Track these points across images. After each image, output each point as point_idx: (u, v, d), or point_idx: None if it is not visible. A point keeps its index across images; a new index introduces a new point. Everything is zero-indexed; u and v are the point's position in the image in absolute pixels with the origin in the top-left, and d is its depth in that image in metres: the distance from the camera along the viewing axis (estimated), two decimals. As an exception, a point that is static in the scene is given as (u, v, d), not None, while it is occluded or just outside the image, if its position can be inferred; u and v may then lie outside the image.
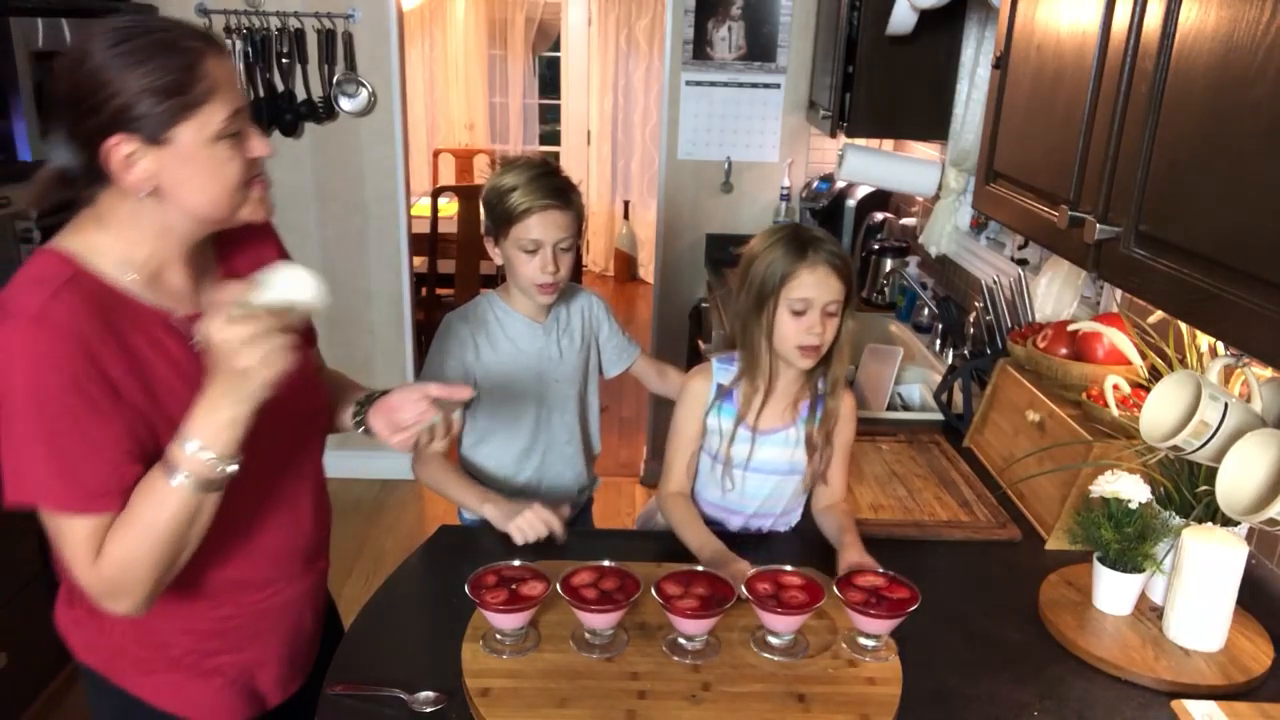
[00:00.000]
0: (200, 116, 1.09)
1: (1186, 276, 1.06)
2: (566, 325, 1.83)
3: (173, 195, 1.12)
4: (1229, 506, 1.21)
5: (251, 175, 1.16)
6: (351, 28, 3.52)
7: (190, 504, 1.08)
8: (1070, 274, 2.05)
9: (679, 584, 1.31)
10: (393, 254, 3.81)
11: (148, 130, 1.08)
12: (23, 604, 2.44)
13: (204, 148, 1.11)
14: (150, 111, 1.07)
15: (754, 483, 1.62)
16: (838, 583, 1.34)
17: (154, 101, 1.07)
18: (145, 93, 1.06)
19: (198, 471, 1.07)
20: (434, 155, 6.78)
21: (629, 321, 6.14)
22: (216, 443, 1.06)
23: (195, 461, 1.06)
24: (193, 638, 1.28)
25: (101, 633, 1.27)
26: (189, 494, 1.07)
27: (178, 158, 1.10)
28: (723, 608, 1.27)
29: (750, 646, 1.31)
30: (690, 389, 1.63)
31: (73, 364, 1.05)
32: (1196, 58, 1.06)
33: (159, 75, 1.07)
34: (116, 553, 1.08)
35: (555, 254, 1.68)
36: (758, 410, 1.58)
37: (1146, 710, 1.24)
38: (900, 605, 1.29)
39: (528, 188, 1.66)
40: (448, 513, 1.90)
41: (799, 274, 1.48)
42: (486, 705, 1.18)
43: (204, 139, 1.10)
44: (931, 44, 2.69)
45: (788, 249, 1.49)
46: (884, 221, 3.33)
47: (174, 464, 1.06)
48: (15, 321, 1.05)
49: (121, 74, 1.06)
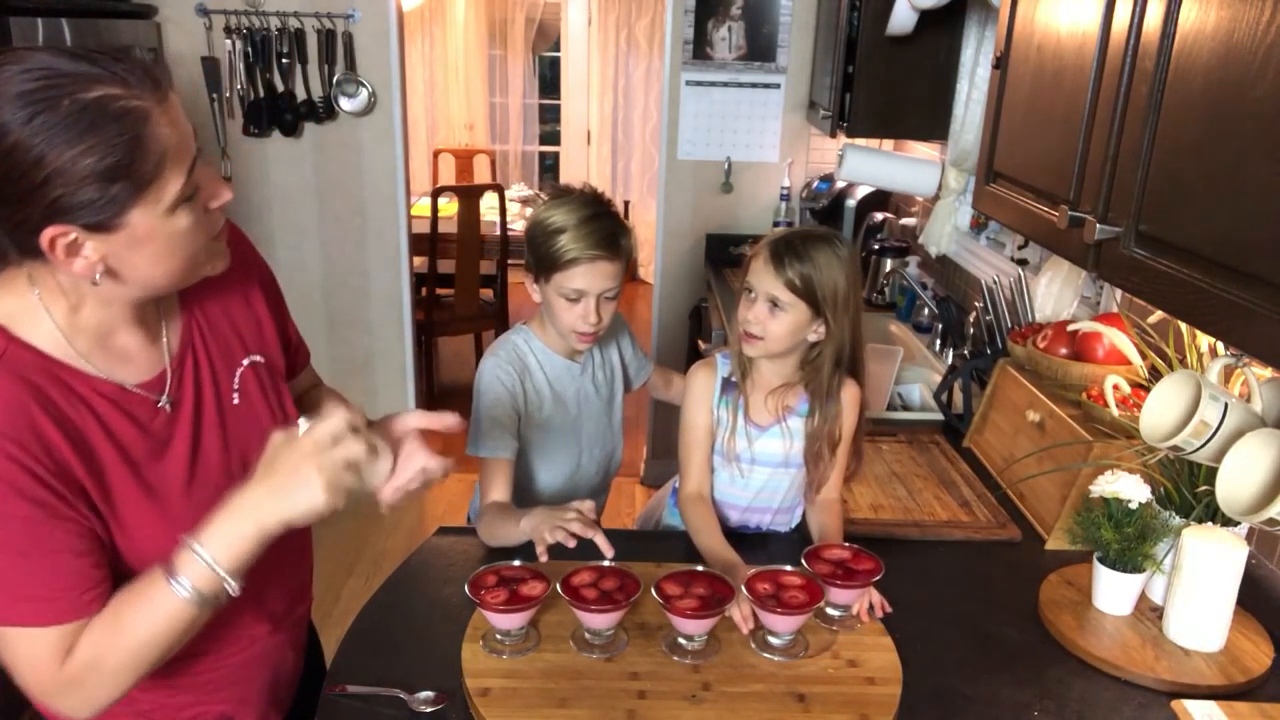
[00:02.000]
0: (153, 193, 0.94)
1: (1186, 276, 1.06)
2: (601, 361, 1.78)
3: (126, 276, 0.98)
4: (1229, 506, 1.21)
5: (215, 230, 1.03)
6: (351, 28, 3.52)
7: (187, 617, 0.98)
8: (1070, 274, 2.05)
9: (679, 584, 1.31)
10: (392, 254, 3.81)
11: (92, 219, 0.92)
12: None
13: (160, 222, 0.96)
14: (93, 200, 0.90)
15: (752, 475, 1.62)
16: (805, 555, 1.40)
17: (97, 189, 0.90)
18: (85, 180, 0.89)
19: (202, 585, 0.97)
20: (434, 155, 6.78)
21: (629, 322, 6.13)
22: (229, 556, 0.97)
23: (203, 573, 0.96)
24: (164, 693, 1.16)
25: None
26: (188, 607, 0.97)
27: (130, 240, 0.95)
28: (723, 608, 1.27)
29: (750, 646, 1.31)
30: (695, 383, 1.62)
31: (14, 467, 0.92)
32: (1196, 58, 1.06)
33: (99, 156, 0.89)
34: (99, 662, 0.97)
35: (599, 304, 1.58)
36: (750, 400, 1.59)
37: (1146, 710, 1.24)
38: (865, 575, 1.35)
39: (577, 233, 1.53)
40: (448, 513, 1.90)
41: (757, 259, 1.52)
42: (486, 705, 1.18)
43: (159, 216, 0.95)
44: (931, 44, 2.69)
45: (773, 239, 1.52)
46: (884, 221, 3.33)
47: (177, 570, 0.96)
48: None
49: (52, 156, 0.88)
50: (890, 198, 3.51)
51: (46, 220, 0.91)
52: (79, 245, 0.94)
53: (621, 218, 1.62)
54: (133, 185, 0.92)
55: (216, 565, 0.96)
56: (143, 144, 0.91)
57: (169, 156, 0.94)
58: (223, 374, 1.16)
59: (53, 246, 0.93)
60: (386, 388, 4.01)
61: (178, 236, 0.98)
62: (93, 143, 0.89)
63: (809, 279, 1.48)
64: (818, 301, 1.49)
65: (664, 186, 3.81)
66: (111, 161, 0.90)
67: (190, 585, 0.96)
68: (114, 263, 0.96)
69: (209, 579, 0.97)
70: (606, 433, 1.81)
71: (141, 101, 0.92)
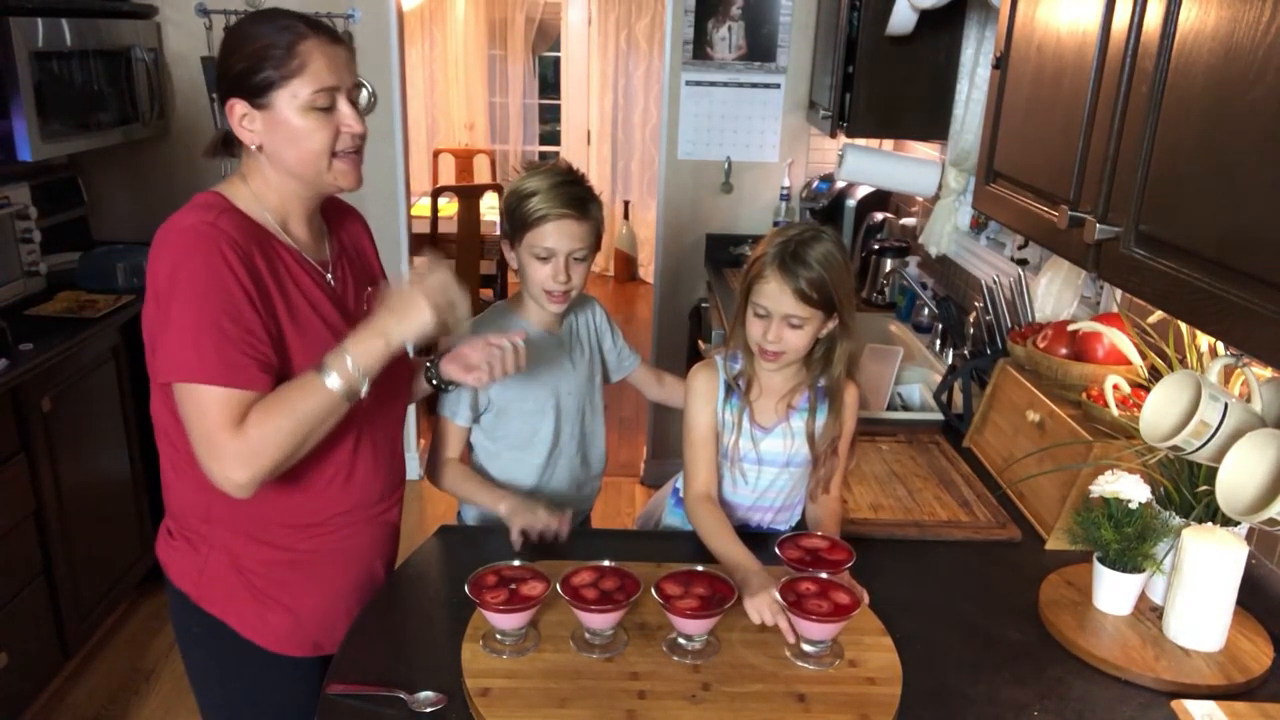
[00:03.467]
0: (290, 87, 1.30)
1: (1186, 276, 1.06)
2: (576, 336, 1.83)
3: (271, 153, 1.34)
4: (1229, 506, 1.21)
5: (343, 148, 1.36)
6: (351, 28, 3.52)
7: (331, 403, 1.27)
8: (1070, 274, 2.05)
9: (679, 584, 1.31)
10: (393, 254, 3.81)
11: (253, 94, 1.31)
12: (23, 604, 2.44)
13: (295, 115, 1.32)
14: (257, 79, 1.30)
15: (755, 475, 1.62)
16: (779, 542, 1.43)
17: (255, 70, 1.30)
18: (250, 60, 1.30)
19: (347, 379, 1.26)
20: (434, 155, 6.78)
21: (629, 321, 6.15)
22: (365, 362, 1.27)
23: (347, 371, 1.26)
24: (277, 569, 1.43)
25: (198, 560, 1.43)
26: (333, 395, 1.26)
27: (274, 121, 1.32)
28: (722, 608, 1.27)
29: (785, 654, 1.30)
30: (697, 384, 1.62)
31: (235, 264, 1.26)
32: (1196, 58, 1.06)
33: (264, 48, 1.30)
34: (265, 424, 1.24)
35: (568, 264, 1.66)
36: (753, 403, 1.59)
37: (1146, 710, 1.24)
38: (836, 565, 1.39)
39: (547, 194, 1.65)
40: (448, 513, 1.90)
41: (766, 281, 1.49)
42: (486, 705, 1.18)
43: (295, 108, 1.31)
44: (931, 44, 2.69)
45: (773, 255, 1.49)
46: (884, 221, 3.33)
47: (330, 367, 1.26)
48: (190, 229, 1.27)
49: (241, 45, 1.31)
50: (890, 198, 3.51)
51: (231, 92, 1.32)
52: (246, 118, 1.33)
53: (592, 189, 1.72)
54: (276, 74, 1.30)
55: (356, 366, 1.27)
56: (293, 51, 1.30)
57: (309, 69, 1.31)
58: (359, 286, 1.51)
59: (231, 112, 1.33)
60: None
61: (306, 131, 1.33)
62: (261, 42, 1.31)
63: (821, 284, 1.47)
64: (833, 304, 1.50)
65: (664, 186, 3.81)
66: (269, 52, 1.30)
67: (337, 377, 1.26)
68: (265, 140, 1.33)
69: (349, 377, 1.27)
70: (587, 410, 1.83)
71: (308, 33, 1.32)
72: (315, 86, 1.31)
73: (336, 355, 1.27)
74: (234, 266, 1.26)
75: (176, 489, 1.43)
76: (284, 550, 1.43)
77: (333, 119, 1.34)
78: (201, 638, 1.46)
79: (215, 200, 1.34)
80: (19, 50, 2.55)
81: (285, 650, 1.46)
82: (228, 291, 1.25)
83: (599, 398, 1.87)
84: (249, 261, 1.28)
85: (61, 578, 2.57)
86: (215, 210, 1.31)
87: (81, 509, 2.64)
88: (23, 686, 2.47)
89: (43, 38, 2.65)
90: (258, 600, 1.43)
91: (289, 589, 1.44)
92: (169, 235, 1.29)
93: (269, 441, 1.25)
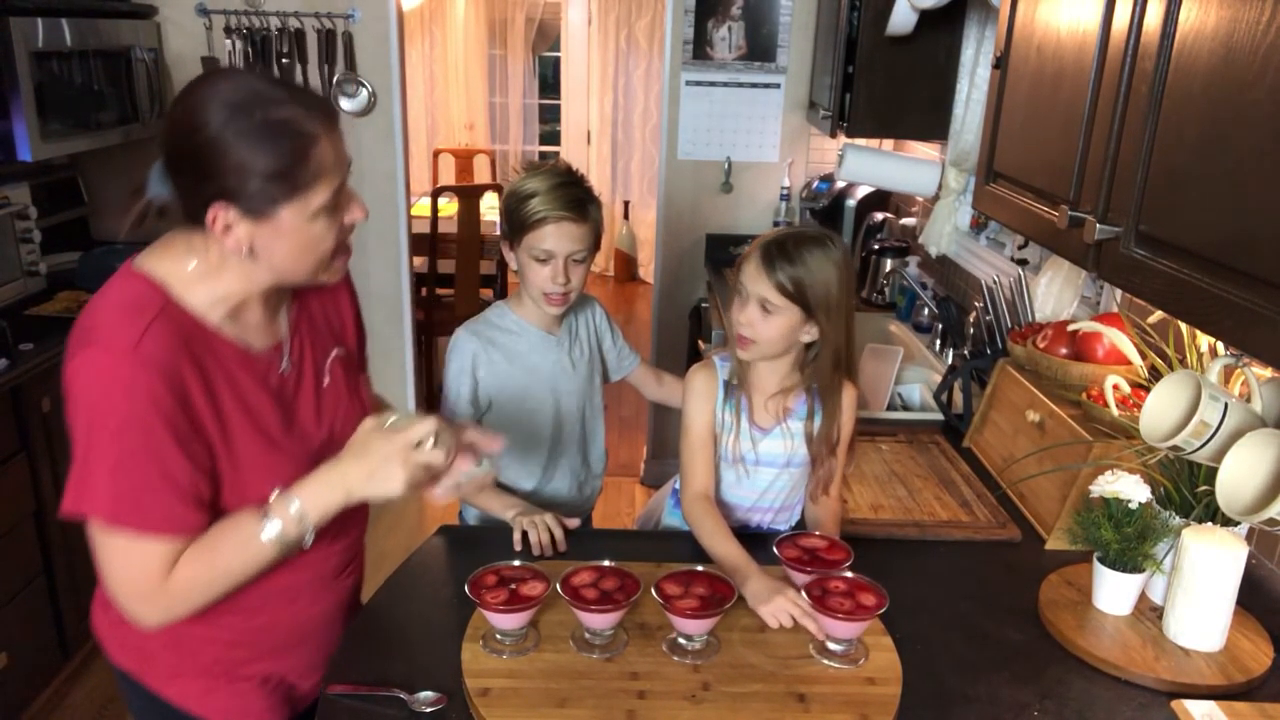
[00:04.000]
0: (303, 199, 1.14)
1: (1186, 276, 1.06)
2: (576, 336, 1.82)
3: (264, 259, 1.17)
4: (1229, 506, 1.21)
5: (341, 240, 1.22)
6: (351, 28, 3.52)
7: (265, 556, 1.16)
8: (1070, 274, 2.05)
9: (679, 584, 1.31)
10: (393, 254, 3.81)
11: (251, 206, 1.12)
12: (23, 604, 2.44)
13: (302, 224, 1.16)
14: (256, 191, 1.12)
15: (755, 475, 1.62)
16: (777, 542, 1.42)
17: (262, 183, 1.11)
18: (255, 174, 1.11)
19: (287, 532, 1.15)
20: (434, 155, 6.78)
21: (629, 321, 6.14)
22: (315, 512, 1.16)
23: (291, 523, 1.15)
24: (221, 647, 1.32)
25: (134, 637, 1.30)
26: (270, 548, 1.16)
27: (275, 232, 1.15)
28: (722, 608, 1.27)
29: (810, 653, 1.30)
30: (695, 385, 1.62)
31: (163, 398, 1.11)
32: (1196, 58, 1.06)
33: (271, 160, 1.11)
34: (192, 575, 1.15)
35: (567, 265, 1.66)
36: (752, 403, 1.59)
37: (1146, 710, 1.24)
38: (834, 564, 1.38)
39: (547, 196, 1.64)
40: (448, 513, 1.90)
41: (749, 262, 1.52)
42: (486, 705, 1.18)
43: (303, 218, 1.16)
44: (931, 44, 2.69)
45: (766, 240, 1.52)
46: (884, 221, 3.33)
47: (273, 514, 1.15)
48: (111, 352, 1.10)
49: (236, 151, 1.10)
50: (890, 198, 3.51)
51: (217, 196, 1.11)
52: (234, 225, 1.13)
53: (592, 190, 1.71)
54: (289, 188, 1.13)
55: (305, 517, 1.15)
56: (306, 159, 1.13)
57: (324, 173, 1.15)
58: (319, 358, 1.35)
59: (214, 221, 1.13)
60: (386, 387, 3.99)
61: (313, 239, 1.18)
62: (269, 149, 1.10)
63: (799, 281, 1.47)
64: (809, 304, 1.49)
65: (664, 186, 3.81)
66: (279, 165, 1.11)
67: (279, 527, 1.14)
68: (257, 246, 1.16)
69: (294, 526, 1.15)
70: (587, 410, 1.83)
71: (314, 126, 1.14)
72: (329, 192, 1.16)
73: (283, 501, 1.15)
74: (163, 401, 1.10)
75: None
76: (231, 630, 1.31)
77: (338, 213, 1.19)
78: (147, 712, 1.36)
79: (149, 297, 1.15)
80: (19, 50, 2.55)
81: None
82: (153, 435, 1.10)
83: (599, 398, 1.87)
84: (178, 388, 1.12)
85: (61, 578, 2.57)
86: (146, 316, 1.12)
87: (81, 509, 2.63)
88: (23, 686, 2.47)
89: (43, 38, 2.66)
90: (205, 676, 1.32)
91: (241, 665, 1.33)
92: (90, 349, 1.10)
93: (192, 593, 1.16)
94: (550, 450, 1.79)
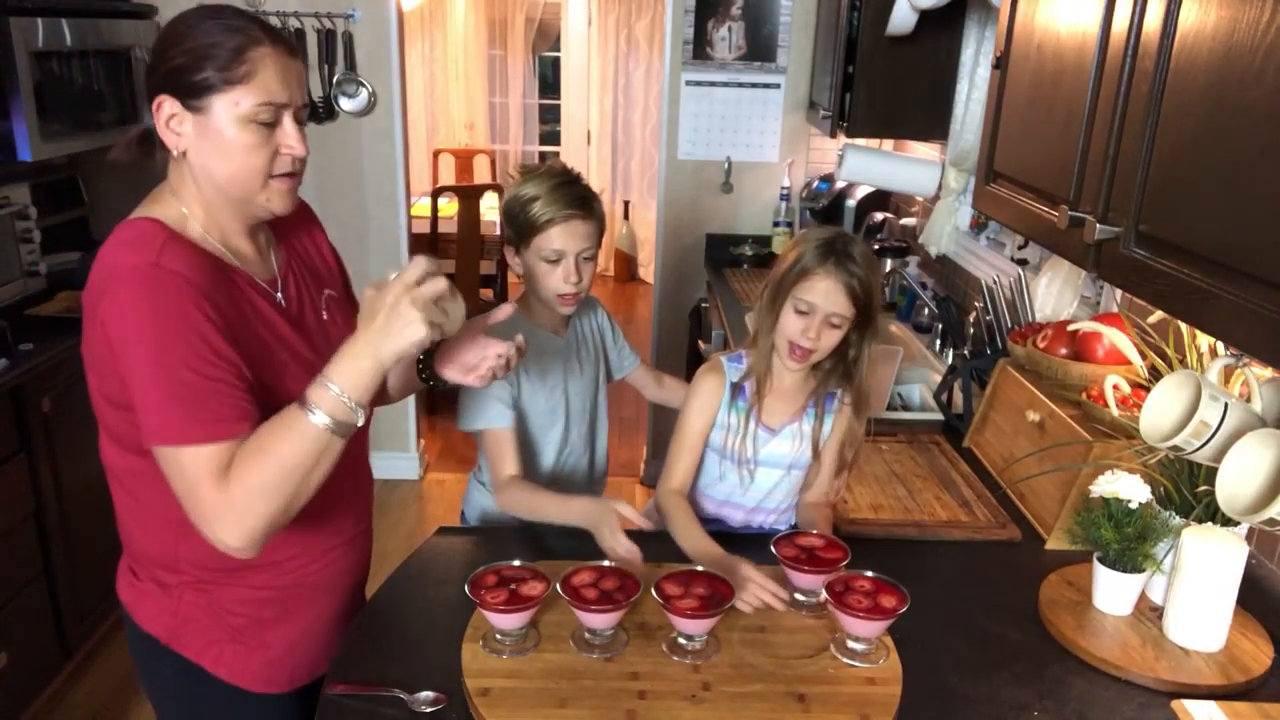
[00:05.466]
0: (232, 94, 1.17)
1: (1186, 276, 1.06)
2: (582, 336, 1.82)
3: (199, 164, 1.21)
4: (1229, 506, 1.21)
5: (280, 170, 1.23)
6: (351, 28, 3.52)
7: (322, 442, 1.12)
8: (1070, 274, 2.05)
9: (679, 584, 1.31)
10: (393, 254, 3.81)
11: (187, 94, 1.17)
12: (23, 604, 2.44)
13: (232, 126, 1.18)
14: (191, 78, 1.16)
15: (759, 477, 1.62)
16: (775, 541, 1.42)
17: (196, 68, 1.16)
18: (190, 56, 1.16)
19: (335, 413, 1.12)
20: (434, 155, 6.78)
21: (629, 321, 6.14)
22: (355, 389, 1.12)
23: (334, 403, 1.12)
24: (253, 606, 1.34)
25: (169, 603, 1.32)
26: (324, 433, 1.12)
27: (207, 128, 1.18)
28: (722, 608, 1.27)
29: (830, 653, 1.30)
30: (703, 386, 1.62)
31: (190, 308, 1.12)
32: (1196, 58, 1.06)
33: (209, 46, 1.16)
34: (247, 478, 1.11)
35: (578, 263, 1.65)
36: (764, 406, 1.59)
37: (1146, 710, 1.24)
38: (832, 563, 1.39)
39: (549, 197, 1.63)
40: (448, 513, 1.90)
41: (816, 279, 1.49)
42: (486, 705, 1.18)
43: (233, 118, 1.18)
44: (931, 44, 2.69)
45: (821, 253, 1.49)
46: (884, 221, 3.33)
47: (314, 403, 1.11)
48: (133, 275, 1.12)
49: (184, 38, 1.17)
50: (890, 198, 3.51)
51: (161, 88, 1.18)
52: (175, 118, 1.19)
53: (590, 187, 1.70)
54: (219, 77, 1.16)
55: (345, 394, 1.12)
56: (241, 56, 1.17)
57: (256, 78, 1.17)
58: (315, 295, 1.39)
59: (159, 110, 1.18)
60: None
61: (239, 146, 1.19)
62: (210, 39, 1.17)
63: (869, 285, 1.49)
64: (871, 306, 1.50)
65: (664, 186, 3.81)
66: (214, 52, 1.16)
67: (324, 414, 1.11)
68: (192, 146, 1.20)
69: (340, 408, 1.12)
70: (593, 409, 1.83)
71: (263, 40, 1.19)
72: (261, 99, 1.18)
73: (319, 387, 1.12)
74: (191, 311, 1.13)
75: (139, 537, 1.33)
76: (262, 589, 1.34)
77: (273, 137, 1.21)
78: (173, 681, 1.37)
79: (152, 230, 1.18)
80: (19, 50, 2.55)
81: (264, 689, 1.38)
82: (187, 341, 1.12)
83: (603, 397, 1.87)
84: (208, 299, 1.15)
85: (61, 578, 2.57)
86: (157, 244, 1.15)
87: (81, 509, 2.64)
88: (23, 686, 2.47)
89: (43, 38, 2.65)
90: (236, 641, 1.35)
91: (268, 626, 1.37)
92: (110, 284, 1.13)
93: (256, 498, 1.12)
94: (559, 451, 1.78)
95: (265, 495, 1.12)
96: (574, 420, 1.79)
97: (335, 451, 1.15)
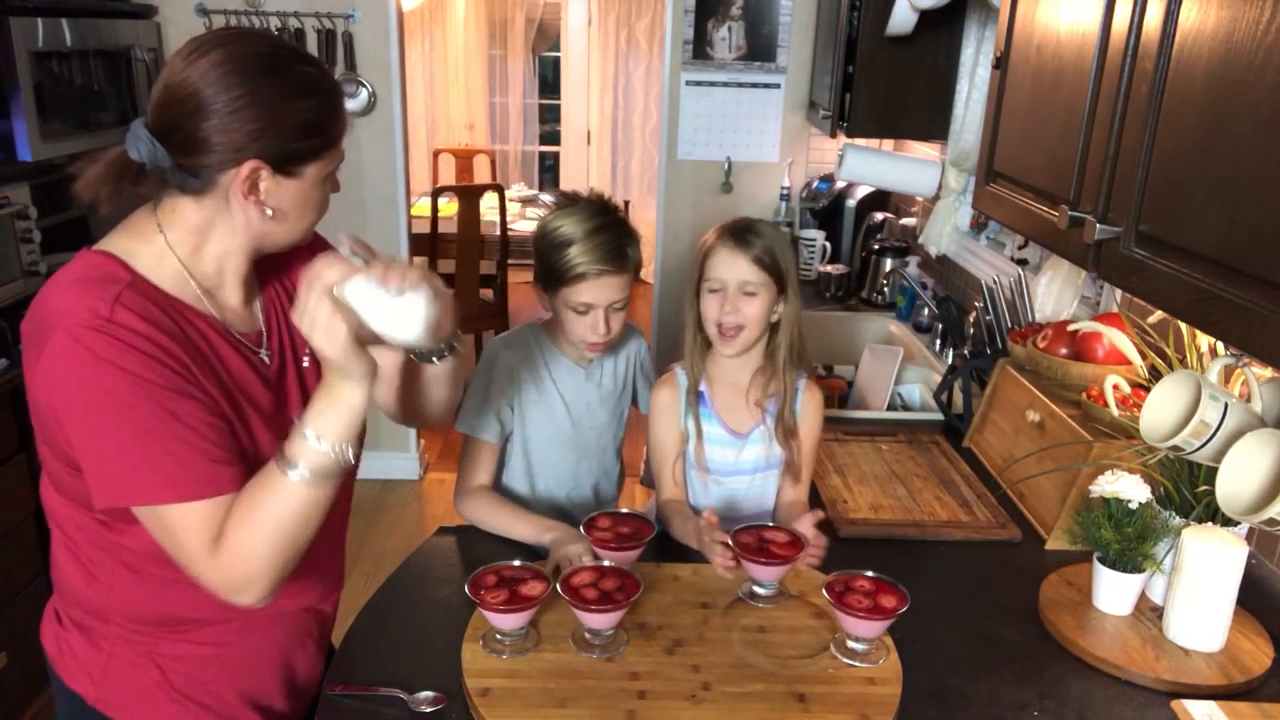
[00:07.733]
0: (328, 156, 1.14)
1: (1186, 276, 1.06)
2: (611, 371, 1.75)
3: (281, 220, 1.13)
4: (1229, 506, 1.21)
5: None
6: (351, 28, 3.52)
7: (309, 496, 1.05)
8: (1070, 274, 2.05)
9: (590, 574, 1.33)
10: (393, 254, 3.81)
11: (286, 161, 1.09)
12: (23, 604, 2.44)
13: (317, 187, 1.15)
14: (295, 146, 1.09)
15: (731, 485, 1.65)
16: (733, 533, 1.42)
17: (303, 137, 1.09)
18: (298, 128, 1.09)
19: (315, 463, 1.04)
20: (434, 155, 6.78)
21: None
22: (333, 431, 1.05)
23: (313, 452, 1.04)
24: (195, 665, 1.22)
25: (98, 657, 1.20)
26: (307, 486, 1.05)
27: (299, 190, 1.12)
28: (629, 600, 1.30)
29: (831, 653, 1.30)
30: (658, 401, 1.65)
31: (150, 360, 1.03)
32: (1196, 58, 1.06)
33: (312, 113, 1.10)
34: (237, 544, 1.04)
35: (608, 315, 1.58)
36: (722, 406, 1.62)
37: (1146, 710, 1.24)
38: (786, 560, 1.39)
39: (584, 245, 1.53)
40: (448, 513, 1.90)
41: (718, 254, 1.55)
42: (486, 705, 1.18)
43: (321, 178, 1.14)
44: (931, 44, 2.69)
45: (722, 232, 1.56)
46: (884, 221, 3.33)
47: (291, 458, 1.04)
48: (84, 330, 1.01)
49: (277, 104, 1.07)
50: (890, 198, 3.51)
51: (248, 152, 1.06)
52: (260, 184, 1.09)
53: (629, 225, 1.62)
54: (323, 144, 1.12)
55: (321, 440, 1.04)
56: (338, 115, 1.13)
57: (342, 134, 1.15)
58: (299, 343, 1.25)
59: (239, 176, 1.07)
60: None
61: (320, 200, 1.16)
62: (310, 103, 1.09)
63: (771, 252, 1.53)
64: (782, 274, 1.54)
65: (664, 186, 3.81)
66: (318, 118, 1.10)
67: (304, 467, 1.04)
68: (278, 205, 1.11)
69: (318, 456, 1.04)
70: (609, 443, 1.80)
71: (336, 85, 1.15)
72: (340, 154, 1.15)
73: (296, 437, 1.05)
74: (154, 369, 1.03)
75: (68, 574, 1.19)
76: (207, 645, 1.21)
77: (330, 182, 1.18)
78: None
79: (112, 272, 1.07)
80: (19, 50, 2.55)
81: None
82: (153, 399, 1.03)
83: (621, 431, 1.83)
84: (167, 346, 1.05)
85: (61, 578, 2.57)
86: (111, 293, 1.04)
87: (81, 509, 2.63)
88: (23, 686, 2.47)
89: (43, 38, 2.65)
90: (174, 701, 1.21)
91: (210, 688, 1.23)
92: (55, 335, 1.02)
93: (253, 564, 1.05)
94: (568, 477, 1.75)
95: (261, 558, 1.05)
96: (587, 451, 1.75)
97: (325, 497, 1.08)
